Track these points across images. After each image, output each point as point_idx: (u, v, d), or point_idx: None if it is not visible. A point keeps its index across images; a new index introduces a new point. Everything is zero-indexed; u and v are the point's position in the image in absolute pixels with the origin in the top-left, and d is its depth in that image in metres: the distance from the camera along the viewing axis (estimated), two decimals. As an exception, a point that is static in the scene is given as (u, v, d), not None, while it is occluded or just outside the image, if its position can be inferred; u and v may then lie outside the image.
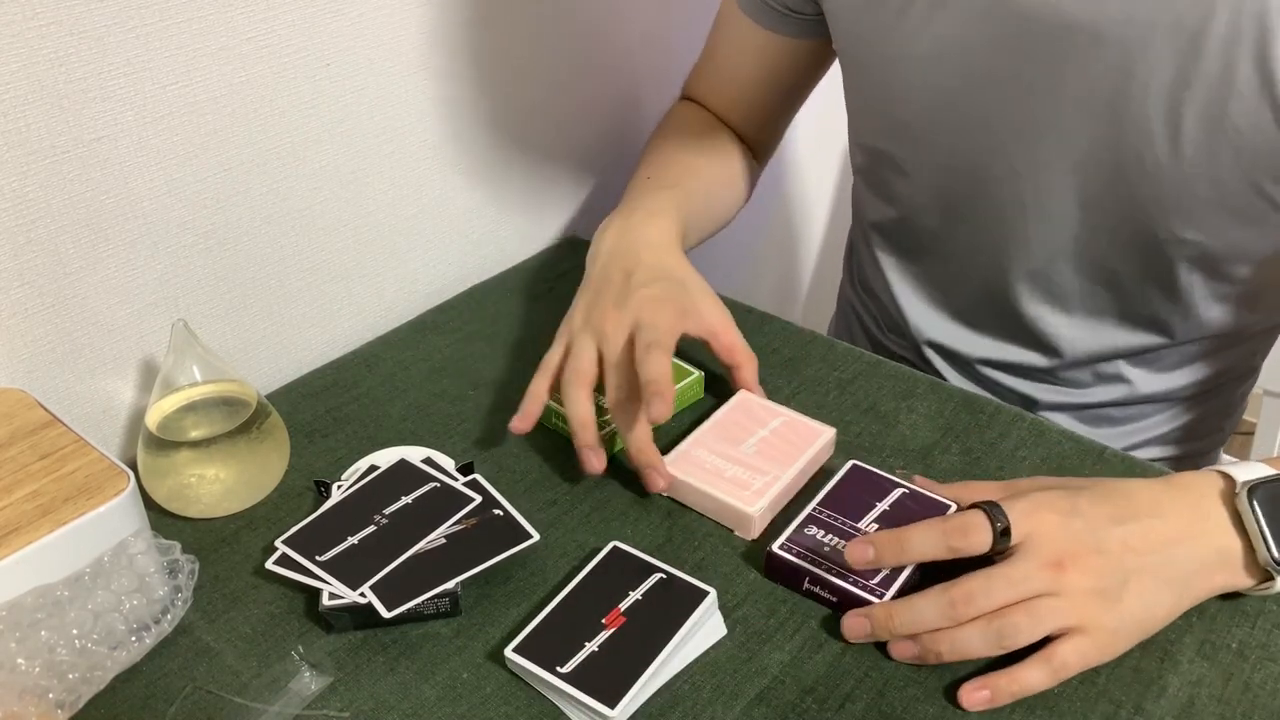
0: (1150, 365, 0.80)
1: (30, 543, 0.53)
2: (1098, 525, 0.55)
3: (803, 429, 0.68)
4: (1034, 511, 0.55)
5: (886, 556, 0.56)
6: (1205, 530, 0.56)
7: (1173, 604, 0.55)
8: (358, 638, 0.58)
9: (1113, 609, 0.53)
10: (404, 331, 0.84)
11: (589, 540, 0.63)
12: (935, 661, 0.54)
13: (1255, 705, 0.53)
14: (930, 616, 0.54)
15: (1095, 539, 0.54)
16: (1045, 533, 0.54)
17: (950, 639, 0.53)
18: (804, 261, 1.42)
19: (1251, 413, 1.16)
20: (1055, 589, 0.53)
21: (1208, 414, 0.85)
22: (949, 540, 0.55)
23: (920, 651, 0.54)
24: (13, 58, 0.58)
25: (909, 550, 0.55)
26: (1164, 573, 0.55)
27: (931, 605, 0.54)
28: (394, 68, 0.77)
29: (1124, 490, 0.57)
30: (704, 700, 0.54)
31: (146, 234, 0.68)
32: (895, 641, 0.55)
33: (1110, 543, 0.54)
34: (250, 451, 0.65)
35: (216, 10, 0.65)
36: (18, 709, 0.50)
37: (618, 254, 0.74)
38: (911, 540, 0.55)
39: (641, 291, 0.70)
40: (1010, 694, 0.53)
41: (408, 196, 0.83)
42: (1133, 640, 0.55)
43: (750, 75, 0.88)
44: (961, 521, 0.55)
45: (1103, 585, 0.53)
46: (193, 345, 0.64)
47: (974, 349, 0.85)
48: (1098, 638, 0.53)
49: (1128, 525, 0.55)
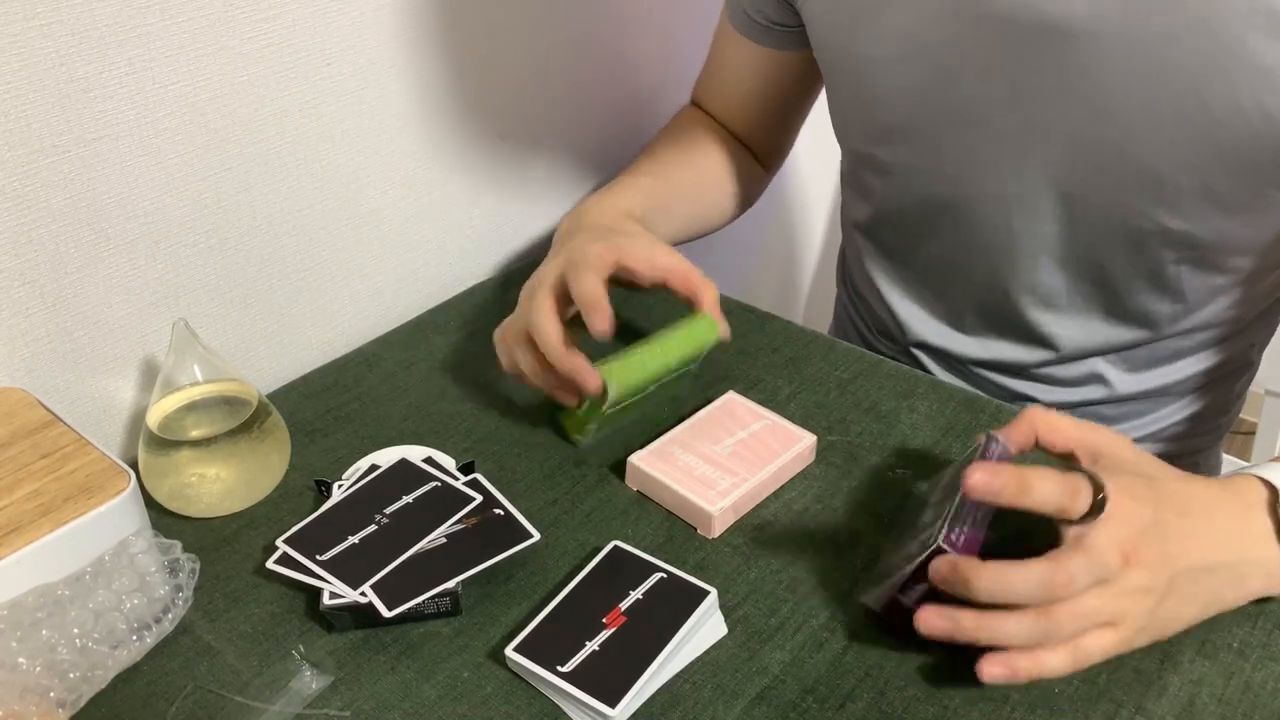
0: (1142, 360, 0.80)
1: (31, 542, 0.53)
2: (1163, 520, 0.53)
3: (782, 434, 0.68)
4: (1122, 498, 0.53)
5: (1008, 493, 0.51)
6: (1248, 541, 0.55)
7: (1202, 612, 0.55)
8: (358, 637, 0.58)
9: (1149, 610, 0.53)
10: (405, 331, 0.84)
11: (590, 540, 0.63)
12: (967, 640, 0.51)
13: (1256, 705, 0.53)
14: (1025, 590, 0.51)
15: (1161, 538, 0.53)
16: (1126, 518, 0.52)
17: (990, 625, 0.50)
18: (805, 263, 1.42)
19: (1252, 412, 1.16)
20: (1115, 578, 0.51)
21: (1205, 411, 0.85)
22: (1063, 500, 0.52)
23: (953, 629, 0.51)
24: (14, 57, 0.58)
25: (1029, 494, 0.52)
26: (1203, 581, 0.54)
27: (1024, 587, 0.51)
28: (394, 68, 0.77)
29: (1184, 491, 0.56)
30: (705, 700, 0.54)
31: (147, 233, 0.68)
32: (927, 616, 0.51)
33: (1171, 542, 0.53)
34: (251, 451, 0.65)
35: (217, 10, 0.65)
36: (19, 708, 0.50)
37: (571, 229, 0.76)
38: (1033, 485, 0.52)
39: (573, 241, 0.70)
40: (1029, 674, 0.51)
41: (408, 196, 0.83)
42: (1151, 640, 0.54)
43: (746, 87, 0.90)
44: (1074, 484, 0.52)
45: (1154, 583, 0.52)
46: (193, 344, 0.64)
47: (964, 348, 0.85)
48: (1123, 633, 0.52)
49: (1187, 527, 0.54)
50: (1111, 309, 0.77)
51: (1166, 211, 0.69)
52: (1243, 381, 0.88)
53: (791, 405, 0.73)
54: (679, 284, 0.69)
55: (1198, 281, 0.74)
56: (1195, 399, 0.84)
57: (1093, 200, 0.71)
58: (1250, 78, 0.61)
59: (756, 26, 0.84)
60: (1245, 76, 0.61)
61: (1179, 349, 0.80)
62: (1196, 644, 0.56)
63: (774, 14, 0.82)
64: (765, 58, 0.86)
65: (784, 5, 0.80)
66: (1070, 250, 0.74)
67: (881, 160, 0.80)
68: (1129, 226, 0.71)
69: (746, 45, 0.86)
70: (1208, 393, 0.84)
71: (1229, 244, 0.71)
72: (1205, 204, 0.68)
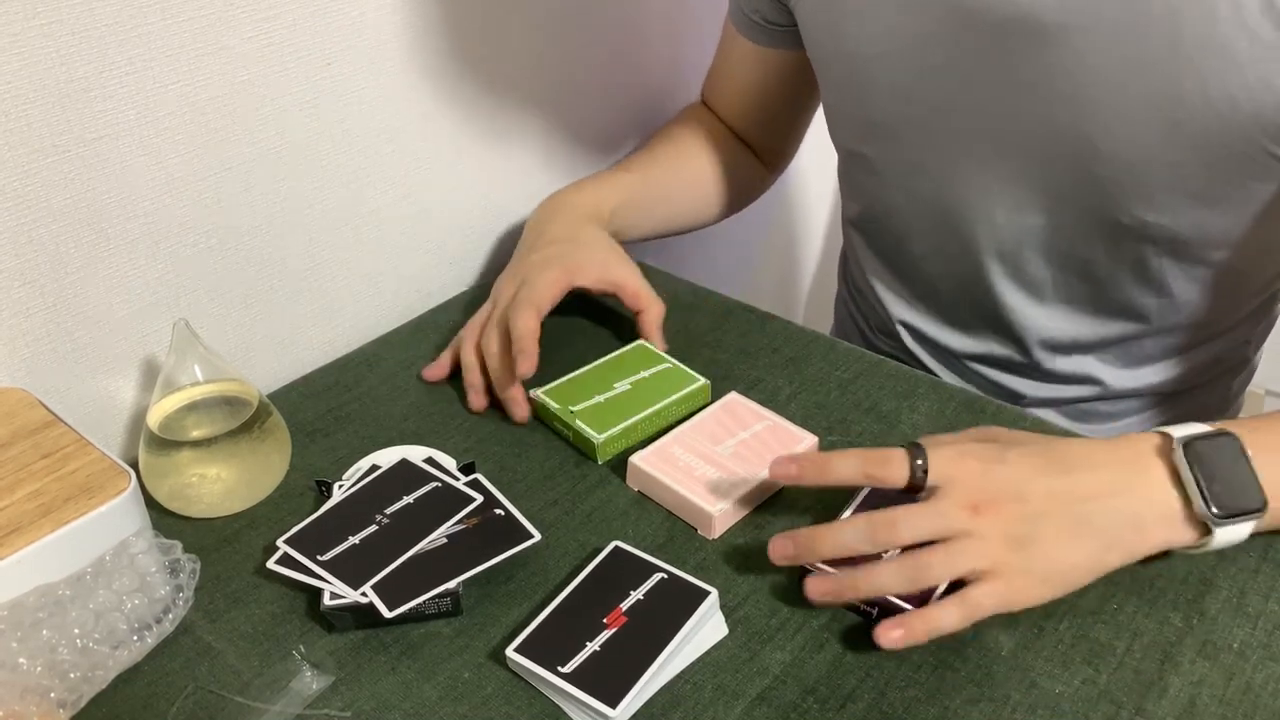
0: (1134, 356, 0.81)
1: (32, 542, 0.53)
2: (1022, 475, 0.56)
3: (784, 434, 0.68)
4: (958, 458, 0.56)
5: (808, 475, 0.57)
6: (1141, 485, 0.56)
7: (1096, 554, 0.56)
8: (359, 637, 0.58)
9: (1023, 552, 0.54)
10: (405, 331, 0.84)
11: (590, 540, 0.63)
12: (852, 597, 0.55)
13: (1257, 705, 0.53)
14: (850, 539, 0.55)
15: (1016, 488, 0.55)
16: (966, 478, 0.55)
17: (867, 575, 0.54)
18: (805, 263, 1.42)
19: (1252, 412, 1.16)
20: (970, 530, 0.54)
21: (1202, 409, 0.85)
22: (866, 467, 0.56)
23: (836, 587, 0.55)
24: (14, 57, 0.58)
25: (829, 472, 0.57)
26: (1089, 523, 0.55)
27: (852, 529, 0.55)
28: (394, 67, 0.77)
29: (1061, 446, 0.58)
30: (705, 700, 0.54)
31: (148, 233, 0.68)
32: (814, 579, 0.55)
33: (1031, 492, 0.55)
34: (252, 451, 0.65)
35: (217, 10, 0.65)
36: (19, 708, 0.50)
37: (536, 225, 0.82)
38: (832, 462, 0.57)
39: (535, 255, 0.77)
40: (925, 632, 0.53)
41: (409, 196, 0.83)
42: (1054, 588, 0.55)
43: (747, 86, 0.91)
44: (883, 453, 0.56)
45: (1015, 531, 0.54)
46: (194, 344, 0.64)
47: (957, 343, 0.86)
48: (1011, 581, 0.54)
49: (1055, 478, 0.56)
50: (1098, 302, 0.78)
51: (1143, 204, 0.69)
52: (1240, 380, 0.89)
53: (792, 405, 0.73)
54: (628, 300, 0.76)
55: (1181, 274, 0.74)
56: (1192, 397, 0.84)
57: (1072, 194, 0.71)
58: (1218, 67, 0.61)
59: (755, 26, 0.85)
60: (1212, 66, 0.61)
61: (1170, 345, 0.80)
62: (1197, 645, 0.56)
63: (770, 13, 0.82)
64: (764, 57, 0.87)
65: (778, 5, 0.81)
66: (1054, 243, 0.75)
67: (869, 157, 0.81)
68: (1109, 219, 0.71)
69: (746, 45, 0.87)
70: (1205, 391, 0.84)
71: (1207, 236, 0.71)
72: (1180, 196, 0.68)
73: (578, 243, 0.78)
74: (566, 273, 0.74)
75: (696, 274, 0.90)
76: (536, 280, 0.73)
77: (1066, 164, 0.70)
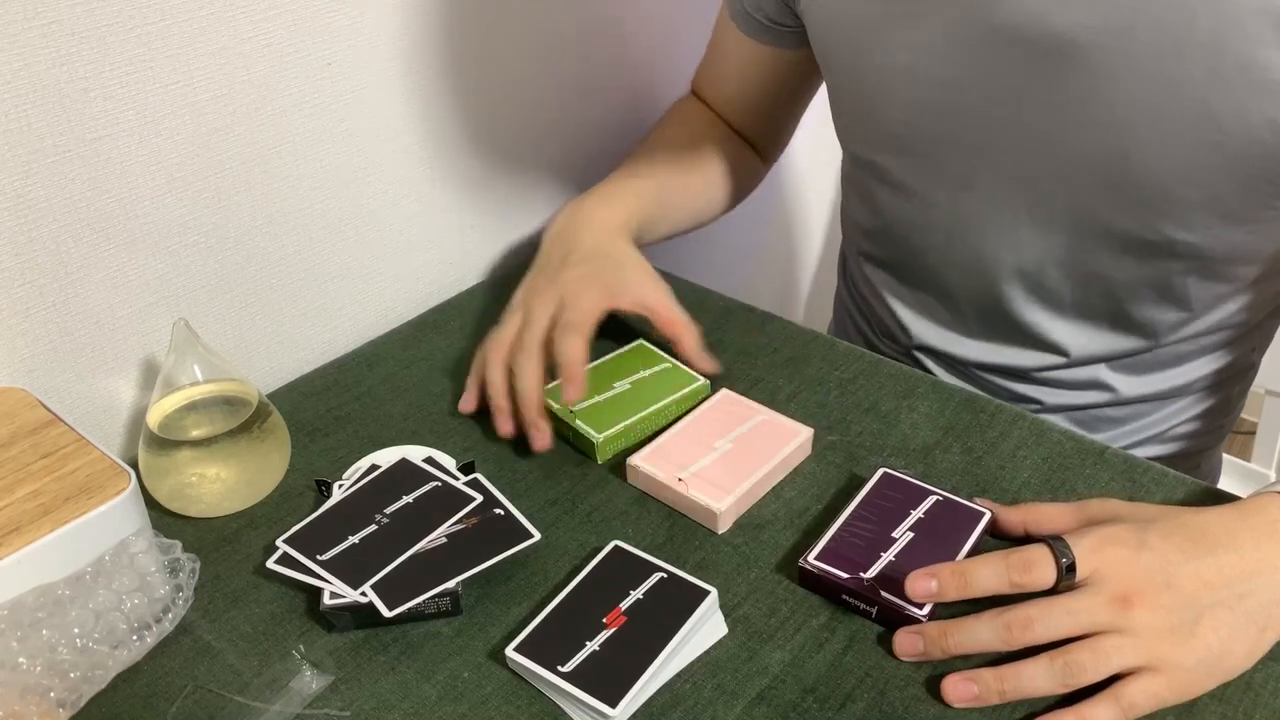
0: (1146, 365, 0.80)
1: (31, 542, 0.53)
2: (1169, 560, 0.53)
3: (780, 428, 0.68)
4: (1101, 547, 0.53)
5: (949, 590, 0.54)
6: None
7: (1255, 639, 0.53)
8: (359, 637, 0.58)
9: (1185, 646, 0.51)
10: (405, 331, 0.84)
11: (590, 539, 0.63)
12: (997, 701, 0.52)
13: (1257, 705, 0.53)
14: (985, 638, 0.53)
15: (1165, 574, 0.52)
16: (1112, 568, 0.53)
17: (1014, 676, 0.51)
18: (805, 263, 1.42)
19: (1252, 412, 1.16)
20: (1122, 626, 0.51)
21: (1207, 413, 0.85)
22: (1012, 575, 0.53)
23: (981, 691, 0.52)
24: (14, 57, 0.58)
25: (972, 584, 0.54)
26: (1241, 607, 0.52)
27: (986, 627, 0.53)
28: (394, 67, 0.77)
29: (1197, 523, 0.55)
30: (705, 700, 0.54)
31: (148, 233, 0.68)
32: (953, 682, 0.53)
33: (1182, 578, 0.52)
34: (251, 451, 0.65)
35: (217, 10, 0.65)
36: (19, 708, 0.50)
37: (562, 236, 0.78)
38: (975, 574, 0.54)
39: (570, 271, 0.73)
40: None
41: (409, 196, 0.83)
42: (1214, 679, 0.52)
43: (744, 80, 0.90)
44: (1026, 557, 0.53)
45: (1173, 622, 0.51)
46: (194, 344, 0.64)
47: (967, 352, 0.85)
48: (1172, 676, 0.51)
49: (1202, 560, 0.53)
50: (1117, 317, 0.77)
51: (1173, 224, 0.68)
52: (1244, 383, 0.88)
53: (792, 405, 0.73)
54: (663, 326, 0.73)
55: (1203, 290, 0.73)
56: (1198, 401, 0.84)
57: (1100, 213, 0.70)
58: (1258, 91, 0.60)
59: (756, 24, 0.84)
60: (1253, 90, 0.60)
61: (1182, 354, 0.80)
62: (1197, 644, 0.56)
63: (774, 13, 0.82)
64: (764, 54, 0.86)
65: (783, 6, 0.80)
66: (1077, 260, 0.74)
67: (885, 168, 0.80)
68: (1136, 238, 0.70)
69: (745, 41, 0.86)
70: (1210, 395, 0.84)
71: (1236, 254, 0.70)
72: (1212, 216, 0.67)
73: (612, 260, 0.75)
74: (607, 295, 0.72)
75: (696, 274, 0.90)
76: (579, 302, 0.70)
77: (1095, 184, 0.69)
